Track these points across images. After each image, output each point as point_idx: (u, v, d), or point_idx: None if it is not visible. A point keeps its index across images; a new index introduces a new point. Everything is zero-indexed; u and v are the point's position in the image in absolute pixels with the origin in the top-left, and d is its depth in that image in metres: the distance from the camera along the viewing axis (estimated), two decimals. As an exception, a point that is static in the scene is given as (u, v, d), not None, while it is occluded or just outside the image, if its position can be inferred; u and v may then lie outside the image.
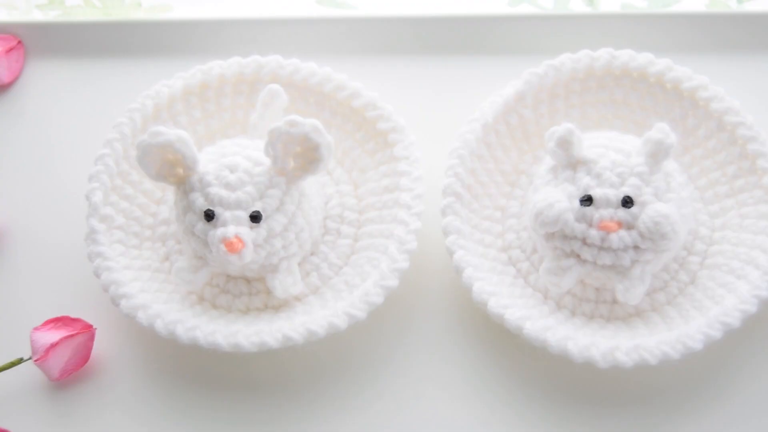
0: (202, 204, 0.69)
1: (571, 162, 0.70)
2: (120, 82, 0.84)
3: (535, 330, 0.67)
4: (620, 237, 0.67)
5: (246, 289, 0.73)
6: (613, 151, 0.70)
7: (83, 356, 0.72)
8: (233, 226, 0.69)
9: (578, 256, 0.68)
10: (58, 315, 0.72)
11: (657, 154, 0.69)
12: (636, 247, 0.67)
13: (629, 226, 0.67)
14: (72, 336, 0.71)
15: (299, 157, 0.70)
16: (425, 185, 0.74)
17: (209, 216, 0.69)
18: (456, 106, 0.81)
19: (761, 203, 0.72)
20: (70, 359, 0.71)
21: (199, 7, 0.88)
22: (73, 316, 0.72)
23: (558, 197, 0.68)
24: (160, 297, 0.72)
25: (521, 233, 0.74)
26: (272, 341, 0.68)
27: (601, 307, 0.71)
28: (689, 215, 0.71)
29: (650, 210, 0.67)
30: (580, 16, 0.85)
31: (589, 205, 0.68)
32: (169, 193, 0.76)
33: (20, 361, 0.71)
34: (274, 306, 0.72)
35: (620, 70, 0.77)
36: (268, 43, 0.84)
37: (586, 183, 0.69)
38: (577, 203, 0.68)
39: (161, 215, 0.76)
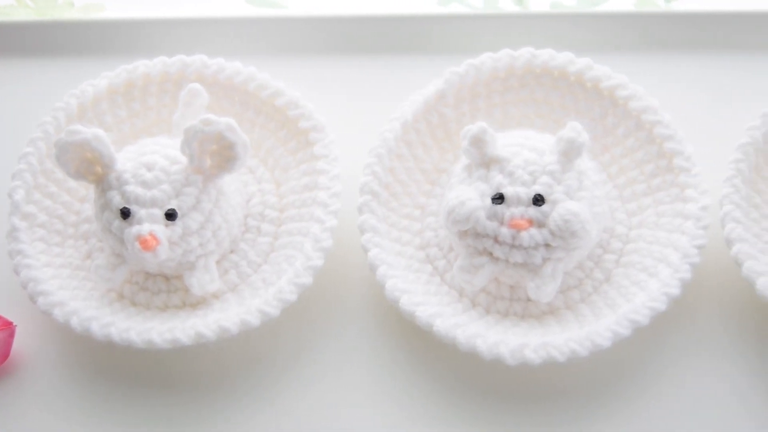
0: (118, 202, 0.70)
1: (484, 160, 0.70)
2: (51, 81, 0.85)
3: (445, 327, 0.68)
4: (531, 235, 0.68)
5: (165, 287, 0.73)
6: (527, 149, 0.70)
7: (3, 353, 0.72)
8: (148, 224, 0.69)
9: (490, 254, 0.69)
10: (-21, 312, 0.73)
11: (569, 152, 0.69)
12: (547, 245, 0.68)
13: (540, 224, 0.68)
14: (-9, 333, 0.71)
15: (216, 155, 0.70)
16: (347, 184, 0.74)
17: (125, 214, 0.70)
18: (385, 105, 0.81)
19: (677, 201, 0.72)
20: (-10, 356, 0.72)
21: (132, 7, 0.89)
22: (-7, 313, 0.73)
23: (470, 195, 0.68)
24: (78, 294, 0.72)
25: (439, 231, 0.74)
26: (185, 338, 0.68)
27: (515, 305, 0.71)
28: (603, 213, 0.71)
29: (561, 208, 0.67)
30: (510, 16, 0.85)
31: (500, 203, 0.68)
32: (92, 191, 0.77)
33: (-60, 357, 0.72)
34: (192, 304, 0.73)
35: (541, 69, 0.77)
36: (199, 42, 0.85)
37: (499, 181, 0.69)
38: (488, 201, 0.69)
39: (84, 213, 0.77)
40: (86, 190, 0.78)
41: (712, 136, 0.77)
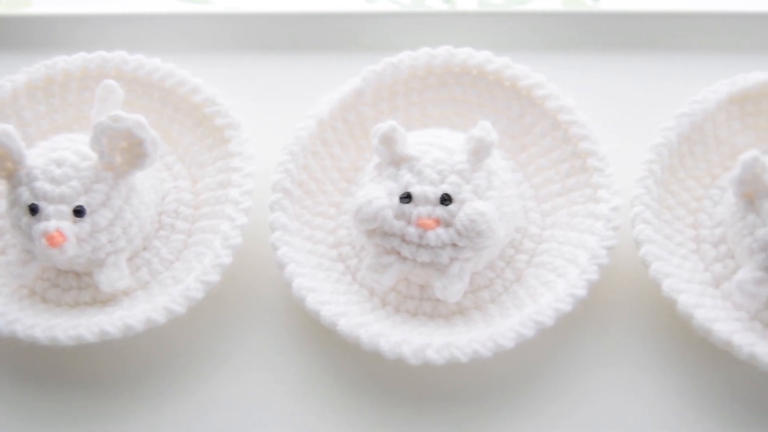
0: (27, 198, 0.70)
1: (394, 159, 0.70)
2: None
3: (349, 327, 0.67)
4: (437, 234, 0.67)
5: (75, 283, 0.73)
6: (437, 148, 0.70)
7: None
8: (55, 220, 0.69)
9: (398, 253, 0.68)
10: None
11: (479, 151, 0.69)
12: (454, 245, 0.67)
13: (447, 224, 0.67)
14: None
15: (126, 152, 0.70)
16: (263, 182, 0.74)
17: (33, 210, 0.69)
18: (310, 103, 0.80)
19: (590, 202, 0.72)
20: None
21: (58, 2, 0.89)
22: None
23: (377, 194, 0.68)
24: (-11, 290, 0.72)
25: (352, 230, 0.74)
26: (89, 335, 0.68)
27: (424, 305, 0.71)
28: (513, 213, 0.71)
29: (467, 207, 0.67)
30: (438, 14, 0.85)
31: (408, 203, 0.68)
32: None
33: None
34: (102, 300, 0.72)
35: (459, 68, 0.77)
36: (122, 38, 0.84)
37: (407, 180, 0.69)
38: (396, 200, 0.68)
39: (-1, 209, 0.77)
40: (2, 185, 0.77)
41: (631, 136, 0.76)
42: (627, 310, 0.71)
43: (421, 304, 0.71)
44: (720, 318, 0.66)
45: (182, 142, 0.78)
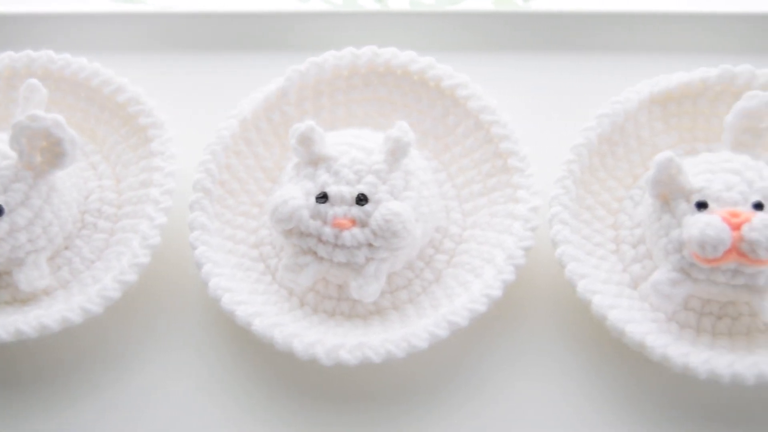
0: (-53, 197, 0.70)
1: (312, 159, 0.70)
2: None
3: (263, 327, 0.67)
4: (353, 234, 0.67)
5: (-5, 283, 0.73)
6: (355, 148, 0.70)
7: None
8: (-28, 219, 0.69)
9: (315, 253, 0.68)
10: None
11: (396, 151, 0.69)
12: (370, 245, 0.67)
13: (363, 224, 0.67)
14: None
15: (46, 151, 0.70)
16: (187, 181, 0.74)
17: (-48, 209, 0.69)
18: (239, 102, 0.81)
19: (510, 202, 0.72)
20: None
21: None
22: None
23: (293, 194, 0.68)
24: None
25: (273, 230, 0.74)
26: (4, 334, 0.68)
27: (342, 305, 0.71)
28: (432, 214, 0.70)
29: (383, 208, 0.67)
30: (370, 14, 0.85)
31: (324, 203, 0.68)
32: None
33: None
34: (22, 300, 0.72)
35: (384, 68, 0.77)
36: (53, 37, 0.85)
37: (324, 180, 0.69)
38: (313, 200, 0.68)
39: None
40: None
41: (558, 136, 0.76)
42: (544, 310, 0.71)
43: (339, 304, 0.71)
44: (634, 319, 0.66)
45: (108, 142, 0.78)
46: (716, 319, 0.69)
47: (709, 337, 0.68)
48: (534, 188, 0.71)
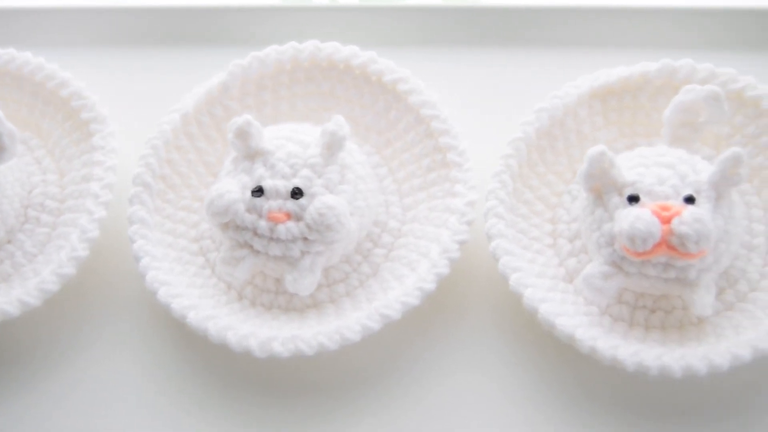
0: None
1: (249, 153, 0.70)
2: None
3: (198, 320, 0.67)
4: (288, 228, 0.67)
5: (-64, 276, 0.74)
6: (292, 142, 0.70)
7: None
8: None
9: (251, 246, 0.68)
10: None
11: (332, 145, 0.69)
12: (305, 239, 0.68)
13: (298, 218, 0.68)
14: None
15: (-16, 146, 0.71)
16: (129, 176, 0.74)
17: None
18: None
19: (448, 196, 0.72)
20: None
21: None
22: None
23: (229, 188, 0.68)
24: None
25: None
26: (-58, 327, 0.68)
27: (279, 298, 0.71)
28: (369, 208, 0.71)
29: (317, 201, 0.67)
30: (319, 9, 0.85)
31: (260, 196, 0.68)
32: None
33: None
34: (-36, 294, 0.73)
35: (326, 62, 0.77)
36: (3, 33, 0.85)
37: (260, 174, 0.69)
38: (249, 194, 0.68)
39: None
40: None
41: (502, 130, 0.75)
42: (479, 304, 0.71)
43: (276, 298, 0.71)
44: (566, 312, 0.67)
45: (52, 136, 0.78)
46: (649, 313, 0.69)
47: (642, 331, 0.68)
48: (471, 182, 0.71)
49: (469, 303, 0.71)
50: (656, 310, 0.69)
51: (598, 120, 0.75)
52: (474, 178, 0.72)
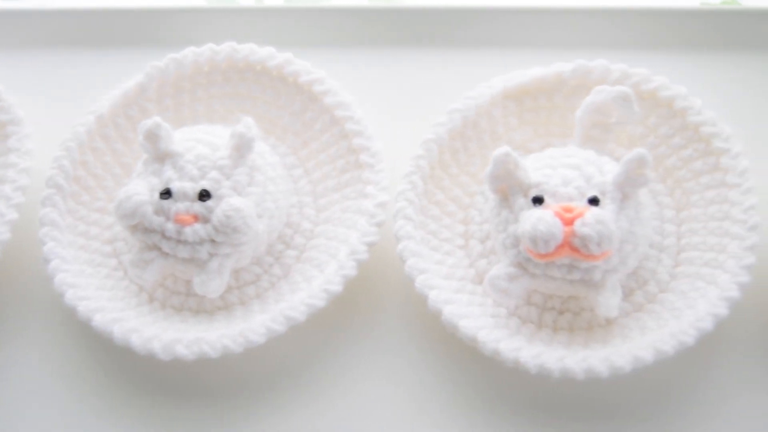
0: None
1: (159, 155, 0.70)
2: None
3: (104, 322, 0.67)
4: (195, 230, 0.67)
5: None
6: (202, 144, 0.70)
7: None
8: None
9: (159, 248, 0.68)
10: None
11: (240, 147, 0.69)
12: (212, 241, 0.67)
13: (205, 220, 0.67)
14: None
15: None
16: (43, 178, 0.74)
17: None
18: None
19: (360, 197, 0.72)
20: None
21: None
22: None
23: (138, 190, 0.68)
24: None
25: (126, 226, 0.74)
26: None
27: (190, 300, 0.71)
28: (279, 209, 0.71)
29: (223, 204, 0.67)
30: (236, 10, 0.86)
31: (168, 198, 0.68)
32: None
33: None
34: None
35: (243, 64, 0.77)
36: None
37: (168, 176, 0.69)
38: (157, 196, 0.68)
39: None
40: None
41: (413, 131, 0.75)
42: (389, 306, 0.71)
43: (187, 300, 0.71)
44: (470, 314, 0.66)
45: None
46: (558, 314, 0.68)
47: (550, 332, 0.68)
48: (383, 184, 0.71)
49: (379, 305, 0.71)
50: (564, 311, 0.69)
51: (513, 120, 0.75)
52: (386, 180, 0.71)
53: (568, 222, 0.64)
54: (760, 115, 0.77)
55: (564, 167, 0.67)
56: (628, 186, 0.66)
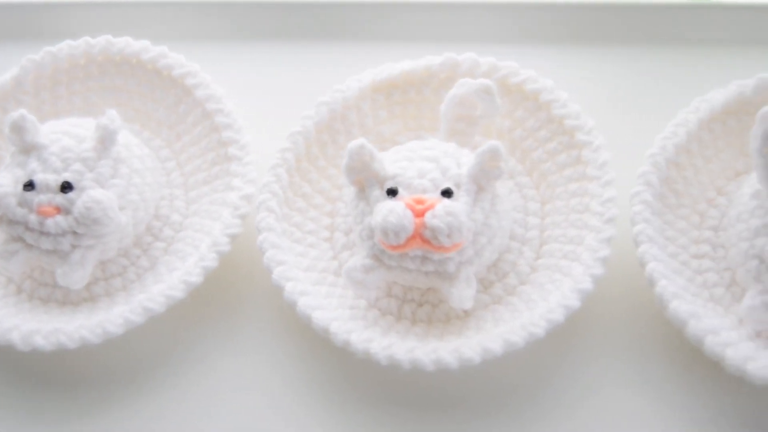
0: None
1: (25, 147, 0.70)
2: None
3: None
4: (56, 222, 0.68)
5: None
6: (68, 136, 0.70)
7: None
8: None
9: (23, 240, 0.69)
10: None
11: (104, 139, 0.69)
12: (74, 233, 0.68)
13: (67, 212, 0.68)
14: None
15: None
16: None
17: None
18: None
19: (228, 190, 0.72)
20: None
21: None
22: None
23: (1, 182, 0.69)
24: None
25: None
26: None
27: (57, 292, 0.72)
28: (145, 202, 0.71)
29: (84, 195, 0.68)
30: (114, 4, 0.87)
31: (31, 190, 0.69)
32: None
33: None
34: None
35: (119, 57, 0.78)
36: None
37: (32, 168, 0.69)
38: (20, 188, 0.69)
39: None
40: None
41: (285, 125, 0.75)
42: (251, 298, 0.72)
43: (54, 291, 0.72)
44: (325, 306, 0.67)
45: None
46: (417, 306, 0.69)
47: (408, 324, 0.68)
48: (249, 176, 0.72)
49: (242, 297, 0.71)
50: (424, 303, 0.69)
51: (382, 113, 0.75)
52: (253, 172, 0.72)
53: (419, 214, 0.64)
54: (626, 109, 0.77)
55: (421, 159, 0.67)
56: (482, 178, 0.66)
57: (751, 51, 0.79)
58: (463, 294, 0.66)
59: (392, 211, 0.64)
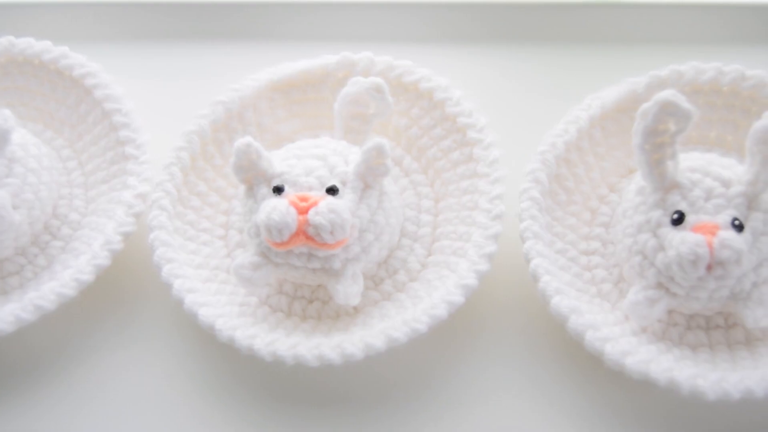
0: None
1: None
2: None
3: None
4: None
5: None
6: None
7: None
8: None
9: None
10: None
11: (-3, 139, 0.70)
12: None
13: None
14: None
15: None
16: None
17: None
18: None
19: (124, 189, 0.73)
20: None
21: None
22: None
23: None
24: None
25: None
26: None
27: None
28: (40, 201, 0.72)
29: (-23, 195, 0.68)
30: (28, 5, 0.87)
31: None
32: None
33: None
34: None
35: (22, 57, 0.78)
36: None
37: None
38: None
39: None
40: None
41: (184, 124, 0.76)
42: (144, 296, 0.72)
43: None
44: (214, 303, 0.67)
45: None
46: (307, 303, 0.69)
47: (298, 321, 0.69)
48: (145, 175, 0.72)
49: (135, 294, 0.72)
50: (314, 300, 0.70)
51: (280, 113, 0.76)
52: (149, 171, 0.72)
53: (303, 211, 0.65)
54: (522, 107, 0.78)
55: (310, 157, 0.68)
56: (369, 175, 0.67)
57: (643, 49, 0.80)
58: (348, 291, 0.66)
59: (275, 209, 0.65)
